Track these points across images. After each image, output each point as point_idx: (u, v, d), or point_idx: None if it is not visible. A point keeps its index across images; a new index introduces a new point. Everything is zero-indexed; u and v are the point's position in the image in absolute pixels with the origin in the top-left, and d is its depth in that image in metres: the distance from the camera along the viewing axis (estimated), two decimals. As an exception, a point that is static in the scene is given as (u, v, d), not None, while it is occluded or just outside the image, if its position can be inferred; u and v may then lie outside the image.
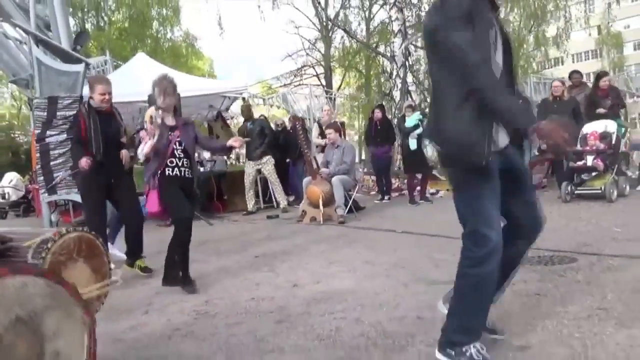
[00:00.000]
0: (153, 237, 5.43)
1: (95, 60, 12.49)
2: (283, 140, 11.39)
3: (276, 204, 10.67)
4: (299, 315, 3.76)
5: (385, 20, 20.22)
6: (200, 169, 11.00)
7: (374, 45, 22.16)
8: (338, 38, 25.75)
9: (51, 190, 8.83)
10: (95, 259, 2.63)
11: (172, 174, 4.78)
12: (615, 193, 8.10)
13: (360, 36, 23.44)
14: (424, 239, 6.29)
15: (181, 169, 4.82)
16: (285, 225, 8.42)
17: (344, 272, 4.91)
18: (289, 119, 11.61)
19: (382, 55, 20.07)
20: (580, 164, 8.21)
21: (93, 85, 5.36)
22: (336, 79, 29.29)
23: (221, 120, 12.82)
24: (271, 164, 10.32)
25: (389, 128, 10.85)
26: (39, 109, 8.78)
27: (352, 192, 8.79)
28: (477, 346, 2.64)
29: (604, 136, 8.27)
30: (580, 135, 8.30)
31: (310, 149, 9.21)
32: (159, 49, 26.26)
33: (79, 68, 8.88)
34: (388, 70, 18.77)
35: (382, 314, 3.63)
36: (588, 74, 20.67)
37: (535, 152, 9.35)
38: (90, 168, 5.18)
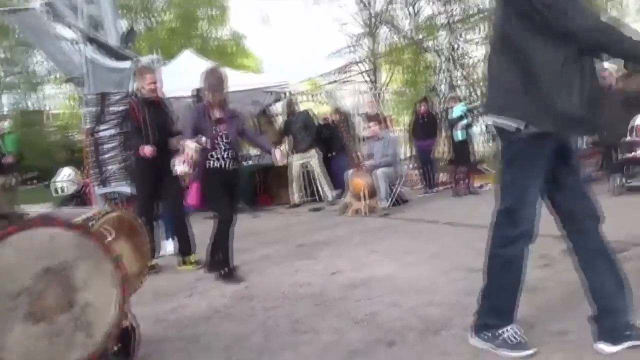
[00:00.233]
0: (200, 229, 5.52)
1: (145, 59, 12.79)
2: (326, 135, 11.37)
3: (320, 197, 10.67)
4: (336, 299, 3.79)
5: (432, 15, 19.99)
6: (247, 163, 11.13)
7: (420, 40, 21.91)
8: (384, 34, 25.55)
9: (103, 183, 9.11)
10: (135, 238, 2.71)
11: (215, 165, 4.81)
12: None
13: (407, 31, 23.18)
14: (467, 229, 6.20)
15: (225, 161, 4.84)
16: (328, 217, 8.45)
17: (384, 261, 4.90)
18: (332, 112, 11.58)
19: (428, 51, 19.82)
20: (631, 155, 7.92)
21: (142, 75, 5.47)
22: (383, 76, 29.09)
23: (265, 116, 12.92)
24: (317, 157, 10.34)
25: (433, 121, 10.74)
26: (90, 104, 9.09)
27: (396, 184, 8.73)
28: (514, 329, 2.60)
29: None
30: (631, 126, 8.00)
31: (353, 142, 9.20)
32: (206, 47, 26.63)
33: (128, 65, 9.13)
34: (434, 65, 18.54)
35: (420, 299, 3.62)
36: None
37: (585, 145, 9.10)
38: (145, 157, 5.25)
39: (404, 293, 3.78)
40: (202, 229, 5.30)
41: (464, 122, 9.64)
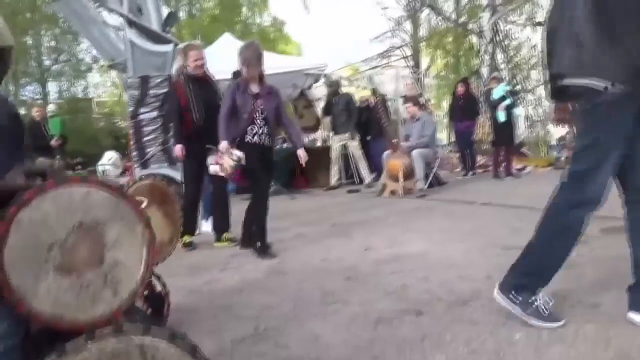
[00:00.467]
0: (237, 209, 5.59)
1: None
2: (365, 118, 11.34)
3: (359, 180, 10.68)
4: (368, 274, 3.80)
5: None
6: (284, 145, 11.19)
7: (464, 24, 21.52)
8: (425, 18, 25.17)
9: (144, 165, 9.31)
10: (167, 206, 2.78)
11: (252, 140, 4.84)
12: None
13: (449, 14, 22.78)
14: (504, 209, 6.12)
15: (261, 137, 4.86)
16: (365, 199, 8.44)
17: (418, 239, 4.88)
18: (370, 95, 11.50)
19: (470, 32, 19.46)
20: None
21: (186, 53, 5.47)
22: (425, 61, 28.71)
23: (304, 99, 12.96)
24: (356, 140, 10.34)
25: (472, 102, 10.58)
26: (132, 88, 9.28)
27: (433, 166, 8.66)
28: (545, 298, 2.56)
29: None
30: None
31: (390, 124, 9.15)
32: (247, 34, 26.78)
33: (169, 48, 9.28)
34: (476, 47, 18.21)
35: (451, 273, 3.60)
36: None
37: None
38: (192, 134, 5.32)
39: (435, 268, 3.77)
40: (239, 210, 5.36)
41: (506, 103, 9.46)
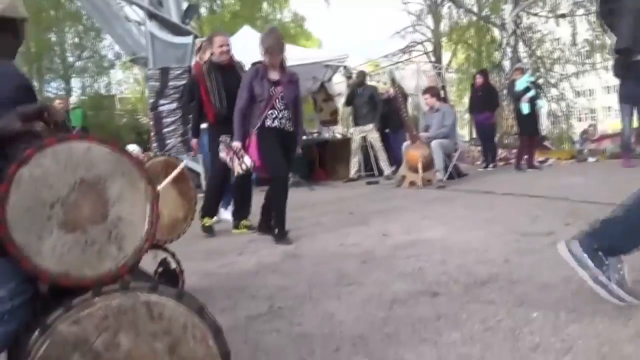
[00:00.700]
0: (256, 199, 5.59)
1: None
2: (384, 111, 11.26)
3: (378, 172, 10.63)
4: (384, 257, 3.78)
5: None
6: (303, 137, 11.17)
7: (486, 17, 21.31)
8: (446, 12, 24.99)
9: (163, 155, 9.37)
10: (181, 183, 2.78)
11: (272, 125, 4.75)
12: None
13: (470, 7, 22.57)
14: (525, 199, 6.03)
15: (282, 121, 4.78)
16: (384, 190, 8.40)
17: (436, 225, 4.84)
18: (389, 86, 11.40)
19: (492, 24, 19.25)
20: None
21: (212, 39, 5.48)
22: (446, 56, 28.51)
23: (324, 92, 12.93)
24: (377, 132, 10.28)
25: (491, 94, 10.44)
26: (152, 79, 9.37)
27: (453, 157, 8.58)
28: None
29: None
30: None
31: (408, 114, 9.08)
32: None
33: (188, 40, 9.36)
34: (498, 40, 18.02)
35: (469, 257, 3.55)
36: None
37: None
38: (217, 122, 5.32)
39: (452, 252, 3.73)
40: (258, 200, 5.35)
41: (530, 95, 9.32)
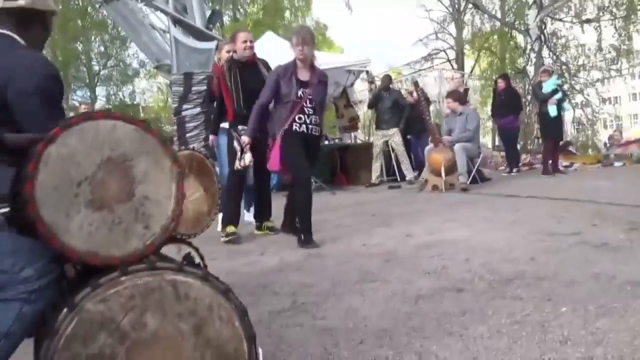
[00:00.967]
0: (277, 204, 5.58)
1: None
2: (408, 115, 11.16)
3: (400, 177, 10.55)
4: (408, 257, 3.75)
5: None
6: (325, 142, 11.16)
7: (511, 24, 21.14)
8: (469, 19, 24.82)
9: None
10: (205, 177, 2.79)
11: (300, 130, 4.60)
12: None
13: (494, 12, 22.39)
14: (550, 202, 5.95)
15: (309, 126, 4.63)
16: (406, 194, 8.34)
17: (460, 227, 4.79)
18: (412, 88, 11.25)
19: (516, 29, 19.09)
20: None
21: (235, 36, 5.31)
22: (469, 64, 28.33)
23: (345, 98, 12.90)
24: (399, 136, 10.19)
25: (514, 98, 10.33)
26: (175, 84, 9.46)
27: (476, 160, 8.50)
28: None
29: None
30: None
31: (430, 117, 9.01)
32: (290, 37, 27.00)
33: (212, 45, 9.41)
34: (522, 46, 17.87)
35: (494, 256, 3.51)
36: None
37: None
38: (235, 122, 5.14)
39: (477, 252, 3.69)
40: (281, 204, 5.33)
41: (557, 97, 9.20)
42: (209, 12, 13.97)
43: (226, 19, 27.59)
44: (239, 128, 4.93)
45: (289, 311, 2.72)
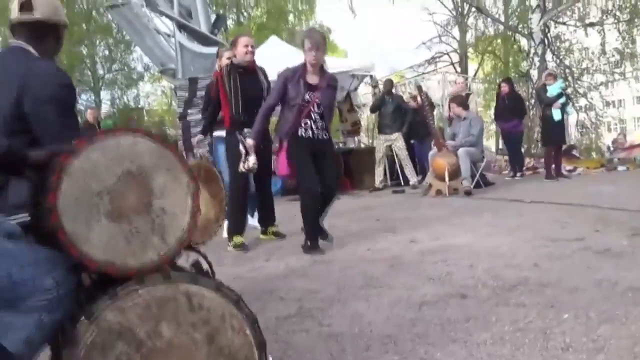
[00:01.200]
0: (283, 208, 5.61)
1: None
2: (411, 119, 11.18)
3: (404, 181, 10.58)
4: (412, 262, 3.79)
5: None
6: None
7: (514, 27, 21.15)
8: (473, 22, 24.83)
9: (191, 164, 9.49)
10: (213, 185, 2.83)
11: (305, 135, 4.55)
12: None
13: (497, 16, 22.40)
14: (554, 207, 5.98)
15: (315, 131, 4.58)
16: (410, 198, 8.38)
17: (464, 232, 4.83)
18: (416, 92, 11.24)
19: (519, 33, 19.10)
20: None
21: (236, 40, 5.22)
22: (472, 67, 28.33)
23: (349, 102, 12.93)
24: (402, 140, 10.23)
25: (518, 102, 10.36)
26: (180, 89, 9.52)
27: (480, 165, 8.53)
28: None
29: None
30: None
31: (434, 122, 9.04)
32: (293, 40, 27.05)
33: (216, 50, 9.49)
34: (525, 49, 17.87)
35: (498, 262, 3.56)
36: None
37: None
38: (233, 128, 5.04)
39: (481, 257, 3.73)
40: (285, 209, 5.37)
41: (562, 101, 9.22)
42: (213, 17, 14.08)
43: (230, 22, 27.67)
44: (245, 131, 4.93)
45: (295, 317, 2.77)
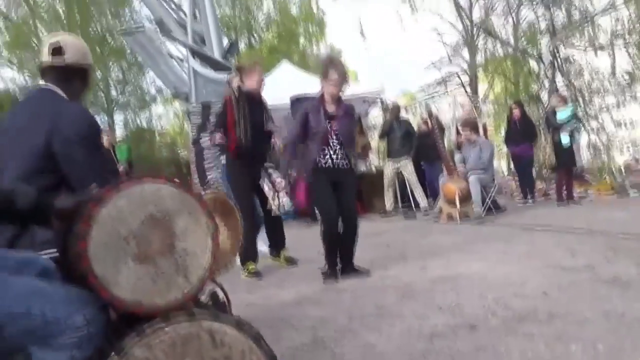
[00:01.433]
0: (296, 234, 5.69)
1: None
2: (419, 143, 11.26)
3: (415, 205, 10.63)
4: (423, 290, 3.85)
5: (533, 21, 19.36)
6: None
7: (523, 50, 21.26)
8: (483, 44, 24.97)
9: (204, 189, 9.63)
10: (229, 217, 2.94)
11: (325, 164, 4.60)
12: None
13: (506, 39, 22.53)
14: (564, 234, 6.01)
15: (334, 159, 4.62)
16: (421, 223, 8.45)
17: (474, 260, 4.87)
18: (427, 117, 11.33)
19: (529, 55, 19.21)
20: None
21: (250, 70, 5.30)
22: (482, 88, 28.41)
23: (359, 126, 13.04)
24: (411, 165, 10.31)
25: (529, 126, 10.41)
26: (194, 114, 9.70)
27: (491, 190, 8.58)
28: None
29: None
30: None
31: (445, 147, 9.13)
32: (304, 62, 27.34)
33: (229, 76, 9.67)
34: (535, 72, 17.97)
35: (507, 291, 3.60)
36: None
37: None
38: (238, 154, 5.15)
39: (491, 286, 3.77)
40: (297, 233, 5.43)
41: (571, 126, 9.27)
42: (225, 41, 14.30)
43: (241, 45, 28.05)
44: (268, 169, 4.98)
45: (308, 346, 2.83)
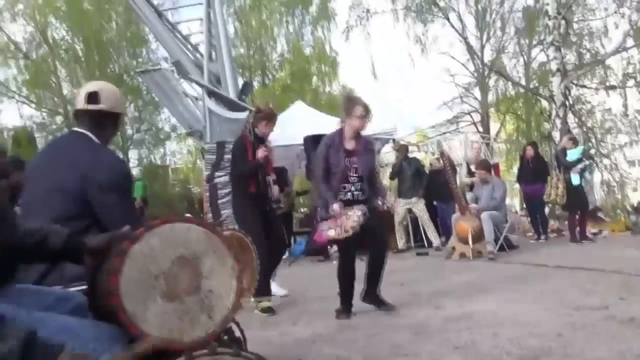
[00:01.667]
0: (308, 270, 5.72)
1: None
2: (432, 182, 11.31)
3: (427, 243, 10.65)
4: (437, 329, 3.87)
5: (544, 62, 19.57)
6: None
7: (535, 89, 21.46)
8: (494, 84, 25.23)
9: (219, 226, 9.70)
10: (246, 254, 3.02)
11: (345, 199, 4.64)
12: None
13: (517, 79, 22.78)
14: (578, 272, 6.01)
15: (354, 193, 4.69)
16: (433, 261, 8.45)
17: (488, 298, 4.88)
18: (438, 156, 11.44)
19: (540, 96, 19.38)
20: None
21: (270, 119, 5.39)
22: (494, 126, 28.58)
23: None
24: (422, 203, 10.39)
25: (542, 165, 10.47)
26: (209, 152, 9.87)
27: (503, 229, 8.59)
28: None
29: None
30: None
31: (457, 185, 9.17)
32: (317, 101, 27.66)
33: (244, 115, 9.82)
34: (547, 111, 18.07)
35: (521, 330, 3.61)
36: None
37: None
38: (252, 197, 5.20)
39: (505, 325, 3.79)
40: (310, 270, 5.48)
41: (582, 166, 9.33)
42: (240, 81, 14.56)
43: (255, 84, 28.50)
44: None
45: (324, 385, 2.87)
